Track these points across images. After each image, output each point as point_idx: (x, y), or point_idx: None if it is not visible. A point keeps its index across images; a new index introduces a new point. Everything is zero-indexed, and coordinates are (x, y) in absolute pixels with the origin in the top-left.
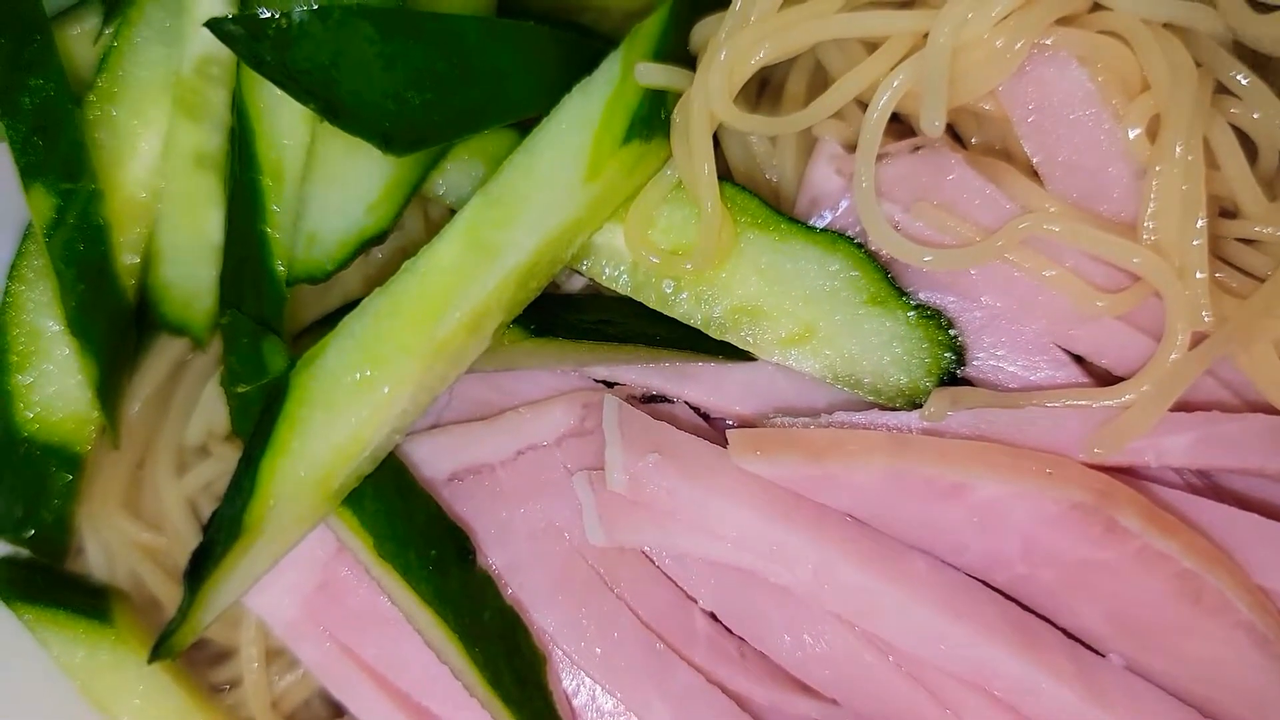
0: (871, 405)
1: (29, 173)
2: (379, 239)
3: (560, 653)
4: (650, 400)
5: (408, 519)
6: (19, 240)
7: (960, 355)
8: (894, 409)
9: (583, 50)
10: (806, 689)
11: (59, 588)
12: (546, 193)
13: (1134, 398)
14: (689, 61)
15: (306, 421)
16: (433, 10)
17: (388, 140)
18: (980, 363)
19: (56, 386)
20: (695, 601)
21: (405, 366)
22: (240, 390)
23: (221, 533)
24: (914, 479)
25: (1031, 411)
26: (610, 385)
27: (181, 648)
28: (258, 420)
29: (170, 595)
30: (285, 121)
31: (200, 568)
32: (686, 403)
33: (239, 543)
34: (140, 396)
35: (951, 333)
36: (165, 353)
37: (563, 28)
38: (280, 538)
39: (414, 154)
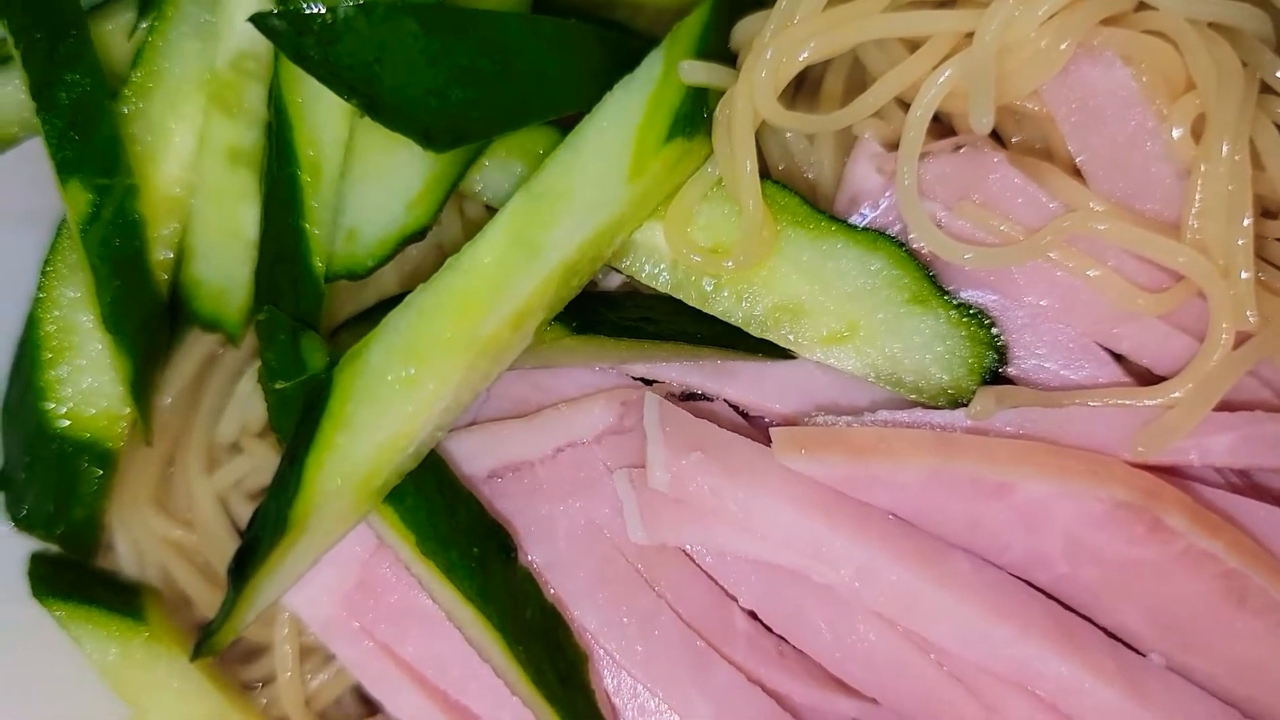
0: (914, 404)
1: (65, 168)
2: (419, 235)
3: (601, 651)
4: (689, 398)
5: (450, 516)
6: (53, 236)
7: (1003, 354)
8: (936, 408)
9: (623, 48)
10: (846, 688)
11: (90, 584)
12: (590, 190)
13: (1178, 396)
14: (729, 59)
15: (351, 418)
16: (474, 7)
17: (429, 137)
18: (1022, 362)
19: (89, 382)
20: (735, 600)
21: (449, 364)
22: (279, 387)
23: (266, 530)
24: (959, 478)
25: (1074, 410)
26: (649, 383)
27: (224, 645)
28: (300, 417)
29: (201, 592)
30: (324, 117)
31: (245, 565)
32: (726, 400)
33: (284, 540)
34: (171, 392)
35: (994, 331)
36: (197, 348)
37: (600, 25)
38: (324, 534)
39: (454, 151)
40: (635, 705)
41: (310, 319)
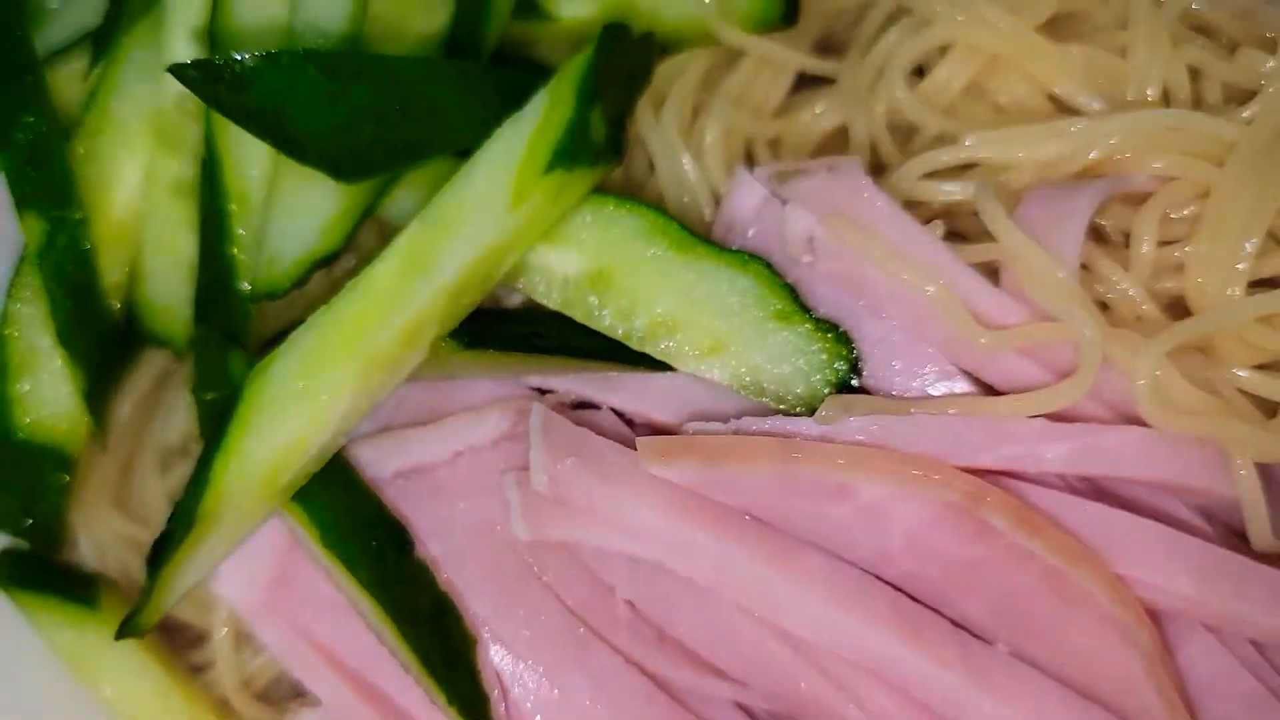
0: (776, 412)
1: (22, 201)
2: (330, 259)
3: (490, 635)
4: (579, 407)
5: (351, 513)
6: (17, 260)
7: (854, 366)
8: (796, 415)
9: (519, 86)
10: (719, 671)
11: (51, 576)
12: (475, 218)
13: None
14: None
15: (254, 424)
16: (379, 52)
17: (337, 169)
18: (878, 374)
19: (50, 394)
20: (615, 590)
21: (343, 376)
22: (207, 397)
23: (179, 524)
24: (803, 481)
25: (918, 419)
26: (544, 392)
27: (147, 627)
28: (214, 423)
29: None
30: (249, 153)
31: (160, 554)
32: (612, 409)
33: (194, 533)
34: (129, 403)
35: (848, 346)
36: (151, 363)
37: (514, 62)
38: (233, 529)
39: (363, 182)
40: (520, 683)
41: (239, 335)
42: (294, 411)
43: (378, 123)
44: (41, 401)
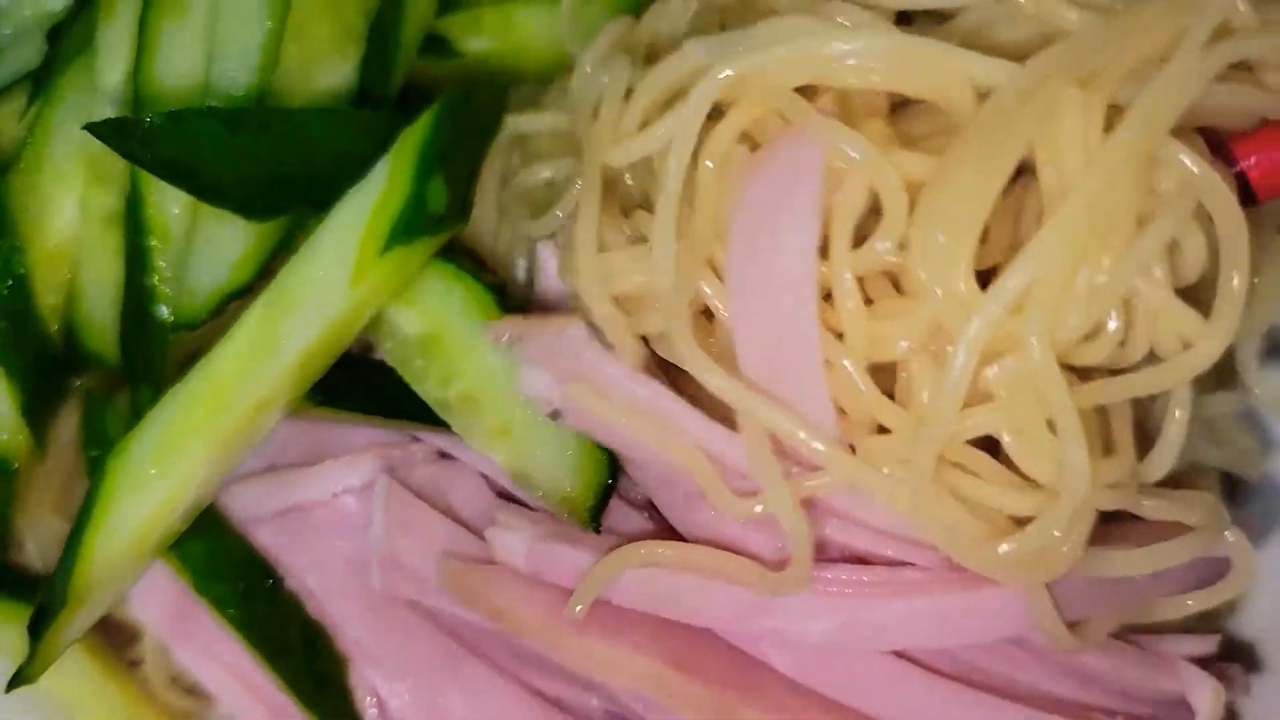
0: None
1: None
2: (242, 293)
3: (367, 658)
4: (445, 457)
5: (220, 558)
6: None
7: (615, 477)
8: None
9: None
10: (588, 683)
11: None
12: (317, 297)
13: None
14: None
15: (118, 501)
16: (288, 103)
17: (246, 210)
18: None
19: None
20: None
21: (195, 455)
22: (92, 454)
23: (55, 599)
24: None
25: (690, 581)
26: (416, 439)
27: (33, 680)
28: (84, 499)
29: None
30: (169, 194)
31: (39, 625)
32: (475, 468)
33: (69, 607)
34: (70, 416)
35: (609, 456)
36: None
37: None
38: (108, 592)
39: (272, 220)
40: (398, 698)
41: (158, 362)
42: (152, 489)
43: (283, 169)
44: None
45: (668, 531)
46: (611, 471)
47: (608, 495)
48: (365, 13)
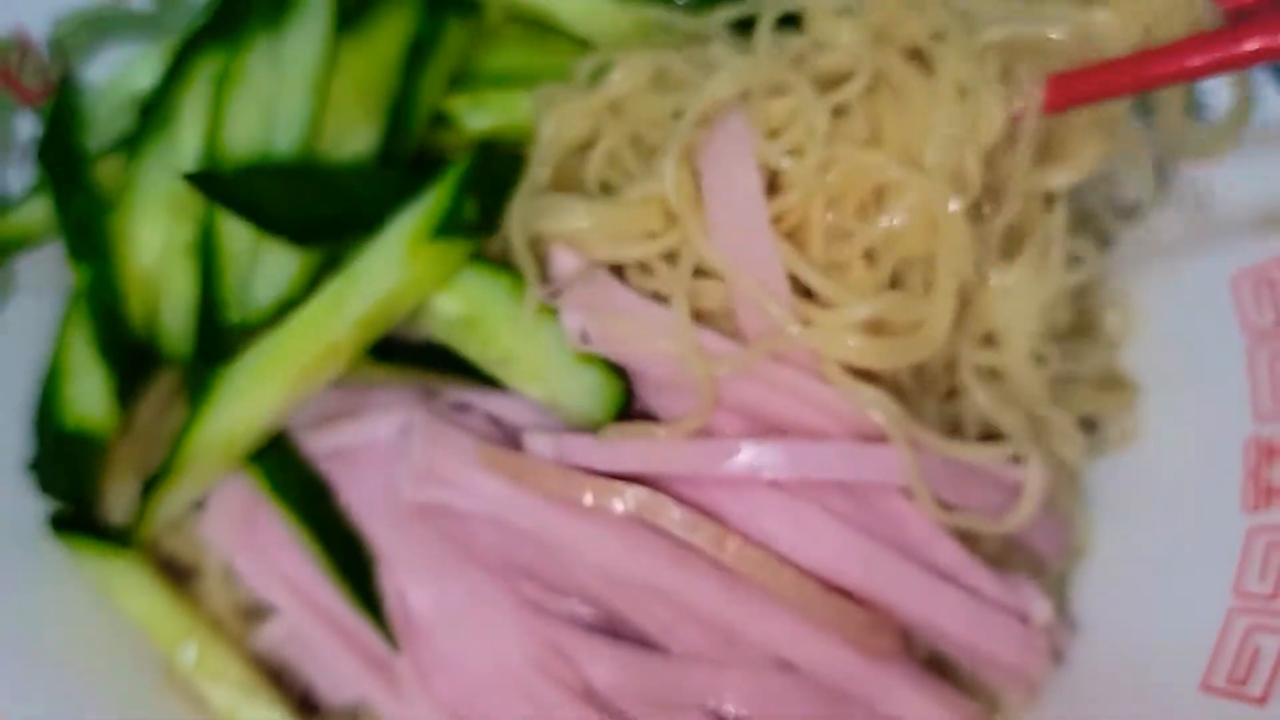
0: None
1: (74, 254)
2: (296, 303)
3: (389, 557)
4: (458, 408)
5: (288, 471)
6: (69, 299)
7: (628, 400)
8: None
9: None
10: (563, 590)
11: (89, 526)
12: (379, 271)
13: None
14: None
15: (214, 408)
16: (328, 160)
17: (299, 240)
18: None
19: (90, 396)
20: (479, 536)
21: (278, 379)
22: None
23: (162, 470)
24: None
25: (659, 444)
26: (436, 394)
27: (140, 538)
28: (194, 403)
29: (166, 534)
30: (238, 229)
31: (149, 489)
32: (486, 411)
33: (170, 478)
34: (150, 402)
35: (625, 385)
36: (167, 377)
37: (430, 164)
38: (200, 477)
39: (318, 247)
40: (413, 590)
41: (226, 354)
42: (241, 402)
43: (324, 211)
44: (82, 399)
45: None
46: (626, 395)
47: (622, 417)
48: (388, 94)
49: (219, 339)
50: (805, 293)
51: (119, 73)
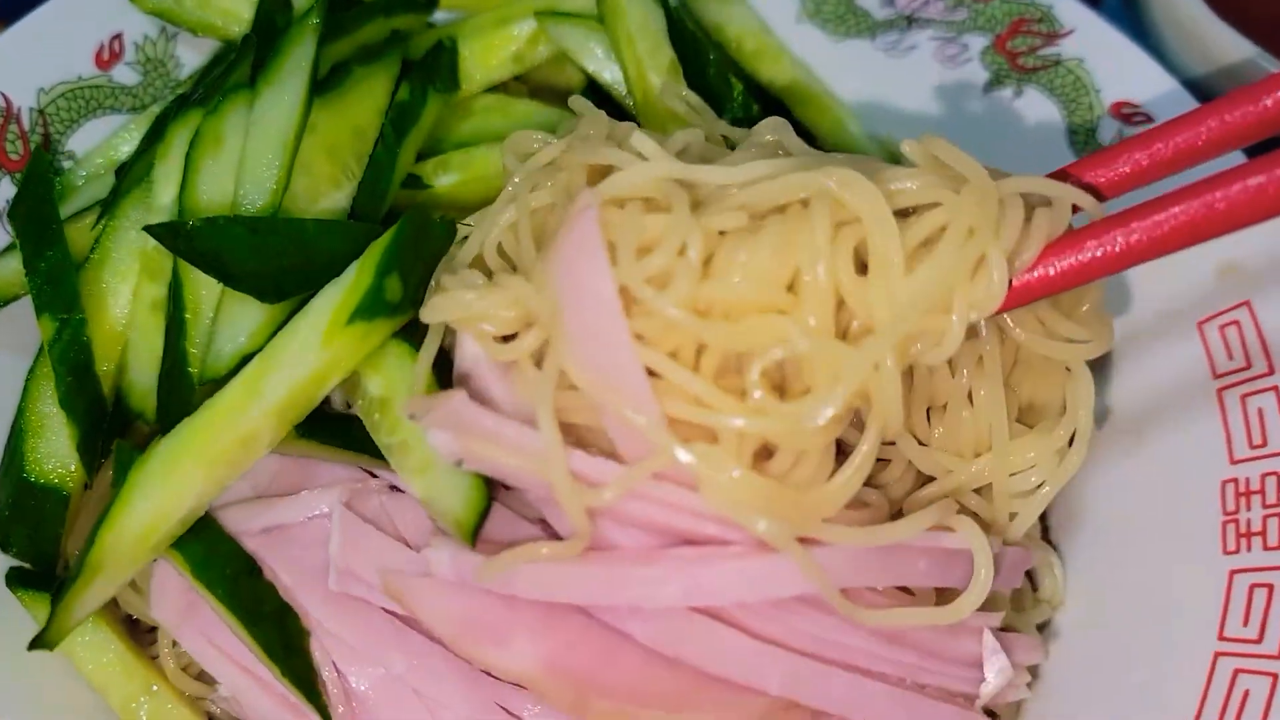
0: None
1: (40, 307)
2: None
3: (325, 631)
4: (396, 490)
5: (211, 552)
6: (35, 357)
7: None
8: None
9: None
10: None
11: (47, 584)
12: (296, 355)
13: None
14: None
15: (130, 503)
16: (295, 215)
17: (261, 294)
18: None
19: (54, 450)
20: None
21: (195, 470)
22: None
23: (73, 572)
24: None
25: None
26: (373, 475)
27: (55, 643)
28: (107, 503)
29: (124, 593)
30: (202, 281)
31: (59, 594)
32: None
33: (81, 579)
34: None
35: (489, 497)
36: (131, 435)
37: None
38: (115, 574)
39: (280, 302)
40: (353, 663)
41: (187, 409)
42: (155, 495)
43: (289, 264)
44: (47, 455)
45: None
46: (488, 500)
47: (484, 517)
48: (357, 156)
49: (180, 394)
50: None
51: (101, 142)
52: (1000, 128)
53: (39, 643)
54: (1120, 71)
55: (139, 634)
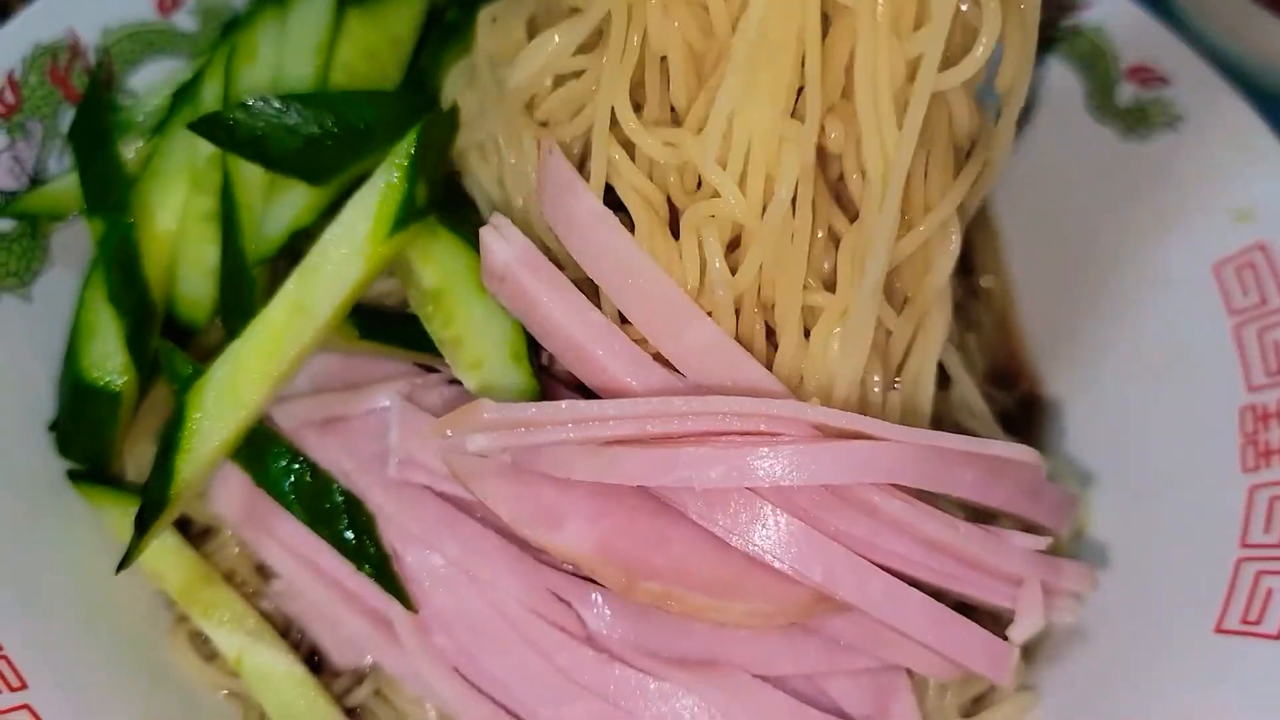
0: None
1: (91, 209)
2: (305, 232)
3: (387, 517)
4: (454, 382)
5: (271, 459)
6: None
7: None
8: None
9: (415, 103)
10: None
11: (106, 480)
12: (339, 269)
13: None
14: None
15: (199, 428)
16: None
17: (306, 175)
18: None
19: (108, 353)
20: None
21: (256, 390)
22: (173, 387)
23: (154, 503)
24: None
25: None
26: (429, 370)
27: (132, 562)
28: (167, 430)
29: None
30: (251, 173)
31: (143, 522)
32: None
33: (165, 513)
34: None
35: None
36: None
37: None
38: (192, 494)
39: (324, 184)
40: (410, 547)
41: (248, 302)
42: (224, 420)
43: (327, 140)
44: (101, 358)
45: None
46: (539, 392)
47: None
48: (397, 63)
49: (240, 287)
50: None
51: (159, 82)
52: None
53: (125, 563)
54: (1138, 38)
55: (191, 537)
